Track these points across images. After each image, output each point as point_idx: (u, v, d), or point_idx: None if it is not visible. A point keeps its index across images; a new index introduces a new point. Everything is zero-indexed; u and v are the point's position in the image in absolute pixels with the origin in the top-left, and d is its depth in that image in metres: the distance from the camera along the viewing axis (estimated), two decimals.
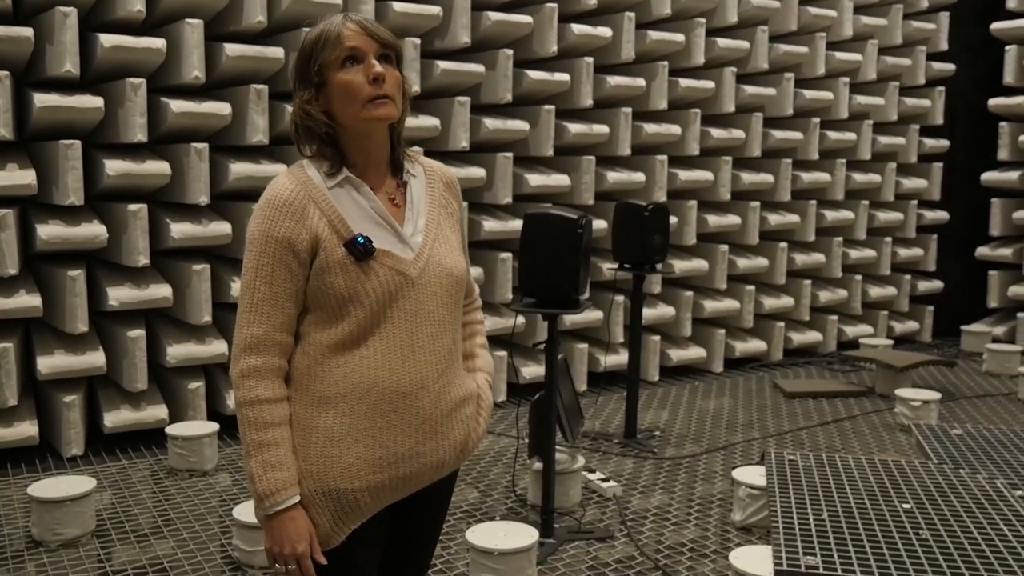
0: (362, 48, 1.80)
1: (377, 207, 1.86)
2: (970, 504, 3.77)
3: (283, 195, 1.81)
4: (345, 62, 1.80)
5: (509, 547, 3.35)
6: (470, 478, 4.72)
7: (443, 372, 1.90)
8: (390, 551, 2.03)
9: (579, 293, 3.81)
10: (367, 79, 1.79)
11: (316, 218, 1.80)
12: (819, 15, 7.21)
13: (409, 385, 1.84)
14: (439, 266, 1.89)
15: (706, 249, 6.98)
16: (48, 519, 3.75)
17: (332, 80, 1.81)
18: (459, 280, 1.94)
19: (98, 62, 4.73)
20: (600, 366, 6.41)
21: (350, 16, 1.83)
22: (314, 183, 1.83)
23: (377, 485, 1.85)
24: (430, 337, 1.87)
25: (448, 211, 1.99)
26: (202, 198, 4.90)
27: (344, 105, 1.81)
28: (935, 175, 8.44)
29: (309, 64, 1.83)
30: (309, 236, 1.79)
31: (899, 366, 6.42)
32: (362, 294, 1.80)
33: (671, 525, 4.18)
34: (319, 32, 1.83)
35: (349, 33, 1.80)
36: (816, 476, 4.08)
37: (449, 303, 1.91)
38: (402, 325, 1.84)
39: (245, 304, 1.81)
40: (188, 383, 5.08)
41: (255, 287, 1.80)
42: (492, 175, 5.84)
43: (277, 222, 1.79)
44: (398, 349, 1.83)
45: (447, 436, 1.92)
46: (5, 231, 4.50)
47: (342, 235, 1.80)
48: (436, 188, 1.99)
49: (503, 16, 5.72)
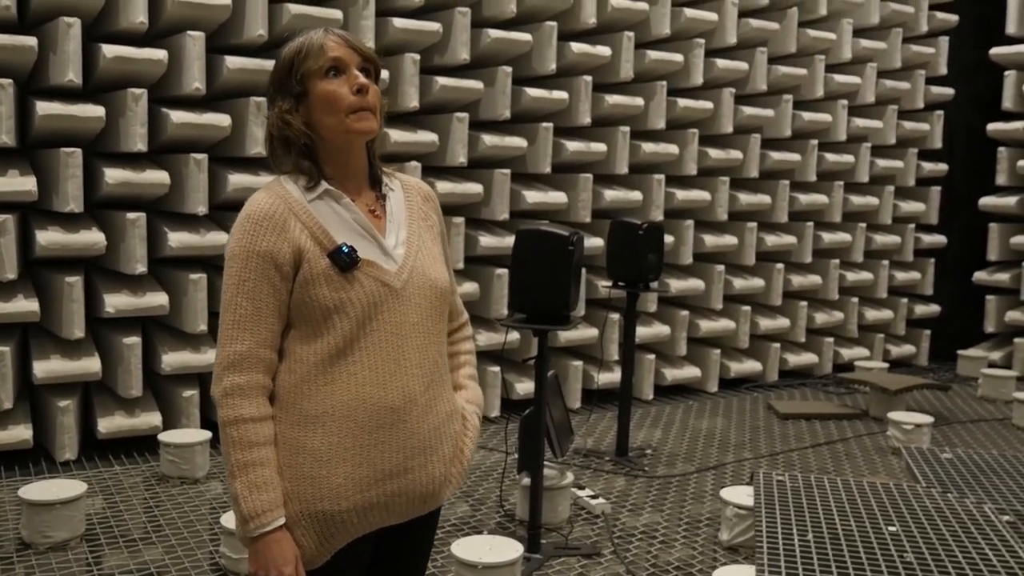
0: (345, 59, 1.81)
1: (359, 218, 1.85)
2: (956, 528, 3.78)
3: (263, 209, 1.79)
4: (328, 72, 1.80)
5: (493, 561, 3.37)
6: (460, 492, 4.74)
7: (429, 385, 1.87)
8: (375, 572, 2.00)
9: (570, 309, 3.84)
10: (351, 89, 1.79)
11: (298, 231, 1.78)
12: (818, 37, 7.26)
13: (397, 400, 1.81)
14: (423, 277, 1.88)
15: (702, 269, 7.01)
16: (38, 522, 3.77)
17: (314, 90, 1.80)
18: (443, 291, 1.92)
19: (100, 72, 4.78)
20: (594, 383, 6.43)
21: (331, 29, 1.84)
22: (293, 196, 1.82)
23: (365, 504, 1.81)
24: (415, 349, 1.84)
25: (428, 223, 1.98)
26: (200, 208, 4.95)
27: (326, 115, 1.80)
28: (933, 199, 8.47)
29: (290, 74, 1.82)
30: (291, 249, 1.77)
31: (892, 389, 6.43)
32: (347, 304, 1.77)
33: (659, 543, 4.19)
34: (300, 43, 1.83)
35: (332, 44, 1.81)
36: (803, 497, 4.10)
37: (433, 315, 1.89)
38: (387, 338, 1.81)
39: (227, 321, 1.78)
40: (182, 391, 5.11)
41: (237, 303, 1.77)
42: (489, 191, 5.87)
43: (258, 236, 1.77)
44: (384, 363, 1.80)
45: (435, 451, 1.89)
46: (5, 236, 4.54)
47: (325, 246, 1.78)
48: (415, 201, 1.98)
49: (503, 33, 5.77)
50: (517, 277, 3.85)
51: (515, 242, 3.86)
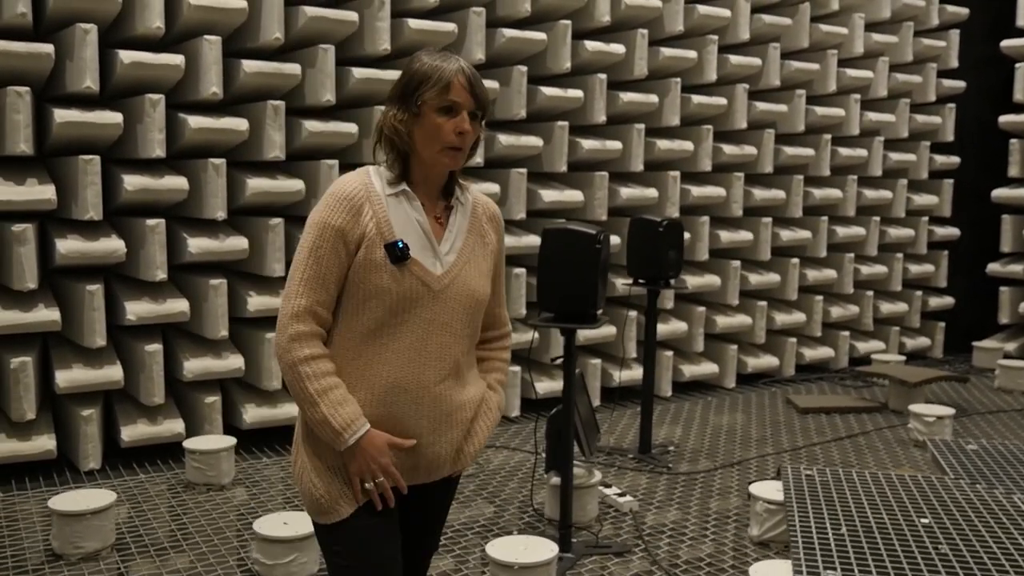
0: (462, 104, 2.02)
1: (423, 221, 2.07)
2: (988, 519, 3.77)
3: (346, 191, 2.03)
4: (444, 109, 2.01)
5: (529, 561, 3.35)
6: (486, 493, 4.73)
7: (445, 377, 2.09)
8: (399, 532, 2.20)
9: (597, 308, 3.83)
10: (454, 129, 2.01)
11: (368, 217, 2.01)
12: (830, 32, 7.25)
13: (411, 383, 2.05)
14: (464, 286, 2.09)
15: (718, 265, 7.00)
16: (69, 532, 3.76)
17: (426, 117, 2.02)
18: (479, 301, 2.14)
19: (117, 78, 4.78)
20: (613, 381, 6.42)
21: (463, 69, 2.03)
22: (375, 188, 2.05)
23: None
24: (438, 345, 2.07)
25: (484, 241, 2.19)
26: (219, 213, 4.94)
27: (426, 140, 2.03)
28: (946, 191, 8.45)
29: (413, 93, 2.03)
30: (359, 231, 2.00)
31: (912, 382, 6.42)
32: (385, 293, 2.00)
33: (688, 540, 4.18)
34: (432, 69, 2.02)
35: (458, 87, 2.01)
36: (833, 491, 4.08)
37: (465, 319, 2.11)
38: (415, 330, 2.04)
39: (295, 279, 2.01)
40: (205, 397, 5.10)
41: (307, 264, 2.00)
42: (506, 191, 5.86)
43: (336, 213, 2.00)
44: (406, 351, 2.04)
45: (444, 434, 2.11)
46: (24, 246, 4.53)
47: (385, 237, 2.01)
48: (479, 219, 2.19)
49: (517, 33, 5.76)
50: (544, 276, 3.83)
51: (542, 241, 3.85)
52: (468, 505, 4.55)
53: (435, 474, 2.15)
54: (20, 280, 4.54)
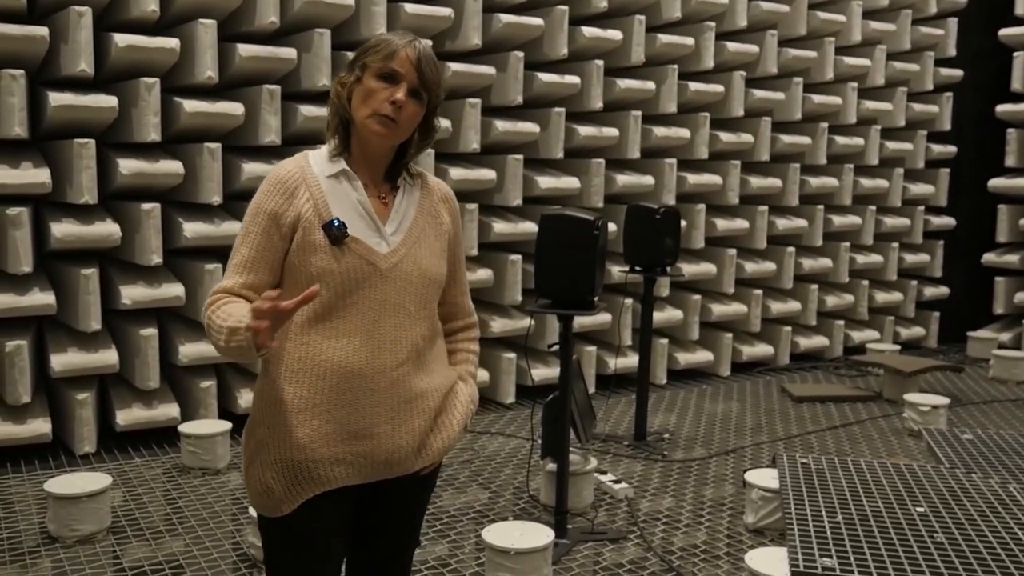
0: (402, 75, 1.97)
1: (363, 200, 2.03)
2: (983, 508, 3.78)
3: (281, 175, 2.02)
4: (382, 75, 1.97)
5: (526, 546, 3.36)
6: (482, 479, 4.73)
7: (403, 362, 2.02)
8: (358, 541, 2.16)
9: (594, 294, 3.82)
10: (388, 98, 1.96)
11: (303, 199, 1.99)
12: (828, 20, 7.23)
13: (365, 368, 1.98)
14: (414, 265, 2.04)
15: (714, 253, 7.00)
16: (64, 515, 3.75)
17: (365, 81, 1.99)
18: (433, 281, 2.08)
19: (112, 61, 4.75)
20: (609, 369, 6.42)
21: (415, 45, 2.00)
22: (311, 170, 2.03)
23: (331, 459, 1.98)
24: (392, 327, 2.01)
25: (437, 221, 2.13)
26: (215, 198, 4.92)
27: (358, 103, 1.99)
28: (942, 181, 8.45)
29: (359, 57, 2.02)
30: (294, 214, 1.98)
31: (907, 371, 6.43)
32: (329, 274, 1.95)
33: (683, 527, 4.19)
34: (384, 39, 2.01)
35: (403, 58, 1.97)
36: (829, 479, 4.09)
37: (418, 300, 2.05)
38: (365, 312, 1.99)
39: (230, 264, 2.01)
40: (200, 382, 5.09)
41: (240, 251, 2.00)
42: (502, 177, 5.85)
43: (270, 197, 2.00)
44: (358, 333, 1.98)
45: (404, 423, 2.03)
46: (19, 229, 4.51)
47: (323, 217, 1.98)
48: (430, 200, 2.14)
49: (514, 18, 5.74)
50: (541, 262, 3.83)
51: (540, 227, 3.84)
52: (463, 491, 4.55)
53: (396, 468, 2.04)
54: (15, 264, 4.52)
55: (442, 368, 2.15)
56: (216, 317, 1.90)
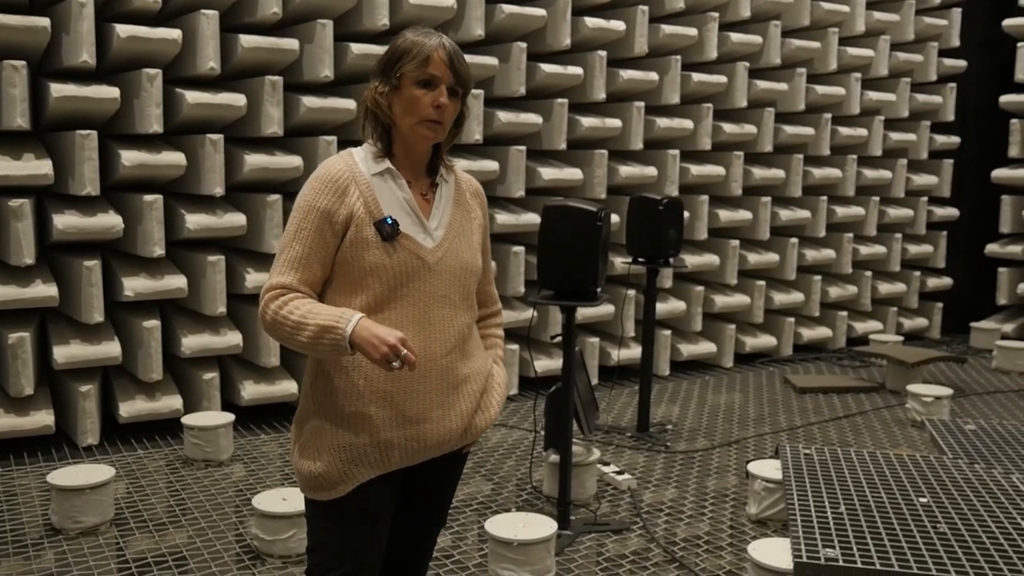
0: (440, 78, 2.05)
1: (409, 198, 2.11)
2: (987, 499, 3.77)
3: (331, 173, 2.08)
4: (422, 82, 2.04)
5: (529, 538, 3.36)
6: (485, 470, 4.73)
7: (451, 350, 2.12)
8: (404, 505, 2.26)
9: (597, 285, 3.81)
10: (431, 103, 2.04)
11: (355, 197, 2.06)
12: (831, 10, 7.21)
13: (419, 358, 2.04)
14: (456, 258, 2.14)
15: (717, 244, 6.99)
16: (67, 507, 3.76)
17: (405, 89, 2.06)
18: (472, 272, 2.18)
19: (114, 52, 4.74)
20: (612, 360, 6.42)
21: (444, 45, 2.07)
22: (359, 168, 2.10)
23: (387, 442, 2.07)
24: (440, 318, 2.10)
25: (471, 216, 2.24)
26: (217, 189, 4.91)
27: (404, 112, 2.07)
28: (945, 172, 8.43)
29: (394, 66, 2.07)
30: (346, 211, 2.04)
31: (910, 362, 6.42)
32: (382, 269, 2.04)
33: (686, 518, 4.19)
34: (413, 43, 2.06)
35: (437, 61, 2.04)
36: (832, 470, 4.08)
37: (461, 291, 2.15)
38: (415, 303, 2.07)
39: (280, 260, 2.05)
40: (203, 374, 5.09)
41: (292, 247, 2.05)
42: (505, 168, 5.84)
43: (322, 195, 2.05)
44: (410, 324, 2.06)
45: (453, 407, 2.14)
46: (21, 221, 4.51)
47: (374, 215, 2.06)
48: (464, 195, 2.24)
49: (517, 9, 5.72)
50: (545, 253, 3.81)
51: (543, 218, 3.83)
52: (467, 482, 4.55)
53: (444, 448, 2.16)
54: (17, 255, 4.52)
55: (480, 353, 2.26)
56: (291, 314, 1.98)
